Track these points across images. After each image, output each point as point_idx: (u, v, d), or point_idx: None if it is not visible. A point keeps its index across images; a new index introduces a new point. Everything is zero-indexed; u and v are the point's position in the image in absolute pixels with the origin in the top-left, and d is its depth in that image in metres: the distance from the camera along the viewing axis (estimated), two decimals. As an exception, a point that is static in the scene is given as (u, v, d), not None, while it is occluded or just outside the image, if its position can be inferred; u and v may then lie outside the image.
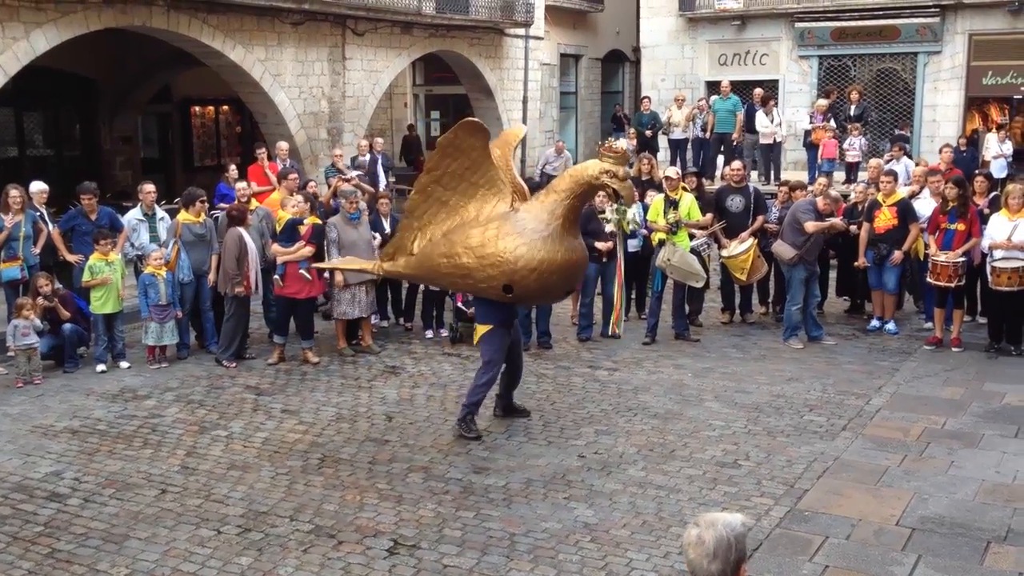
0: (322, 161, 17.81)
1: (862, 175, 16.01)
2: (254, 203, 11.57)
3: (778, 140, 18.64)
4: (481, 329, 8.11)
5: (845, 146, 18.04)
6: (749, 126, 19.23)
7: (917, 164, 15.15)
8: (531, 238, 7.41)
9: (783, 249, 10.93)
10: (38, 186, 11.53)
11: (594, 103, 30.00)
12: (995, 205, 10.78)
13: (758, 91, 19.82)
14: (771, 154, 18.76)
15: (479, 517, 6.58)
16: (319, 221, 10.74)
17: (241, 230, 10.35)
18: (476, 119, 7.63)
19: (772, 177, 18.46)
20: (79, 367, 10.29)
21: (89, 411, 8.95)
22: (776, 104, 18.77)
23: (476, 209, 7.74)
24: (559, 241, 7.48)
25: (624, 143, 8.29)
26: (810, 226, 10.70)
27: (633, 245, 11.61)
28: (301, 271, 10.27)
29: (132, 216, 11.31)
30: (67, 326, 10.26)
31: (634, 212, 7.76)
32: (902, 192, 11.74)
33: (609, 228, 8.00)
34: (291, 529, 6.44)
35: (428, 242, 7.91)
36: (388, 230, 11.24)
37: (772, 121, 18.69)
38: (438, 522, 6.51)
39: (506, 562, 5.95)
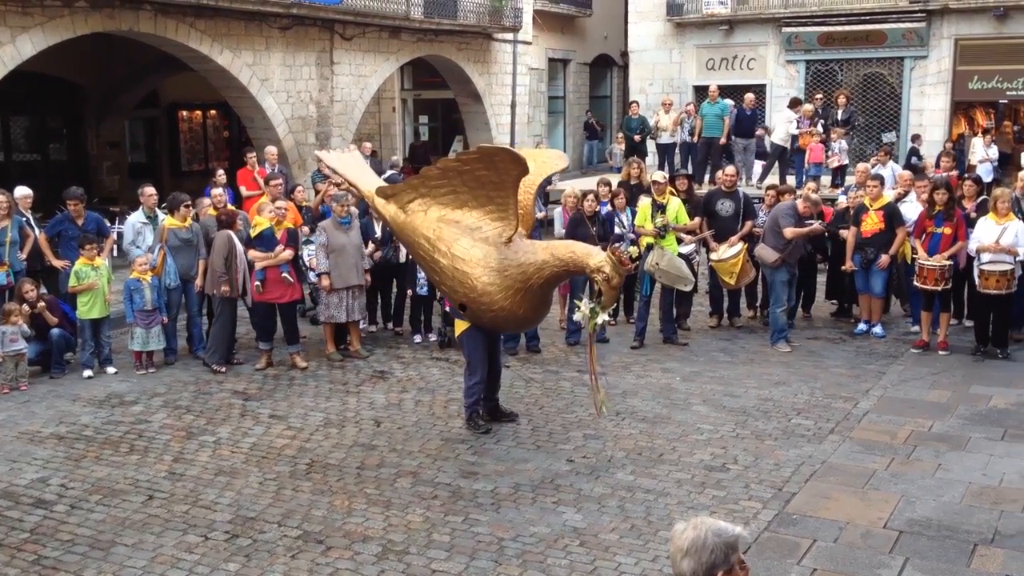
0: (310, 166, 17.78)
1: (849, 179, 16.07)
2: (231, 208, 11.51)
3: (788, 144, 18.62)
4: (460, 325, 8.26)
5: (836, 150, 18.06)
6: (741, 131, 19.23)
7: (924, 169, 15.07)
8: (506, 284, 7.52)
9: (766, 252, 10.97)
10: (22, 191, 11.49)
11: (582, 107, 30.04)
12: (983, 209, 10.85)
13: (749, 96, 19.85)
14: (782, 156, 18.74)
15: (467, 522, 6.58)
16: (292, 226, 10.77)
17: (230, 232, 10.33)
18: (514, 151, 7.82)
19: (787, 179, 18.31)
20: (66, 373, 10.24)
21: (76, 417, 8.91)
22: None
23: (478, 219, 7.76)
24: (529, 299, 7.64)
25: (635, 251, 8.62)
26: (788, 232, 10.77)
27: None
28: (283, 275, 10.25)
29: (135, 219, 11.26)
30: (54, 331, 10.22)
31: (605, 319, 7.82)
32: (888, 196, 11.79)
33: (576, 317, 7.79)
34: (279, 535, 6.41)
35: (423, 213, 7.94)
36: (379, 234, 11.23)
37: (791, 122, 18.56)
38: (426, 527, 6.50)
39: (495, 567, 5.94)
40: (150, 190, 11.45)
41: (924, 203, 11.10)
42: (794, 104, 18.86)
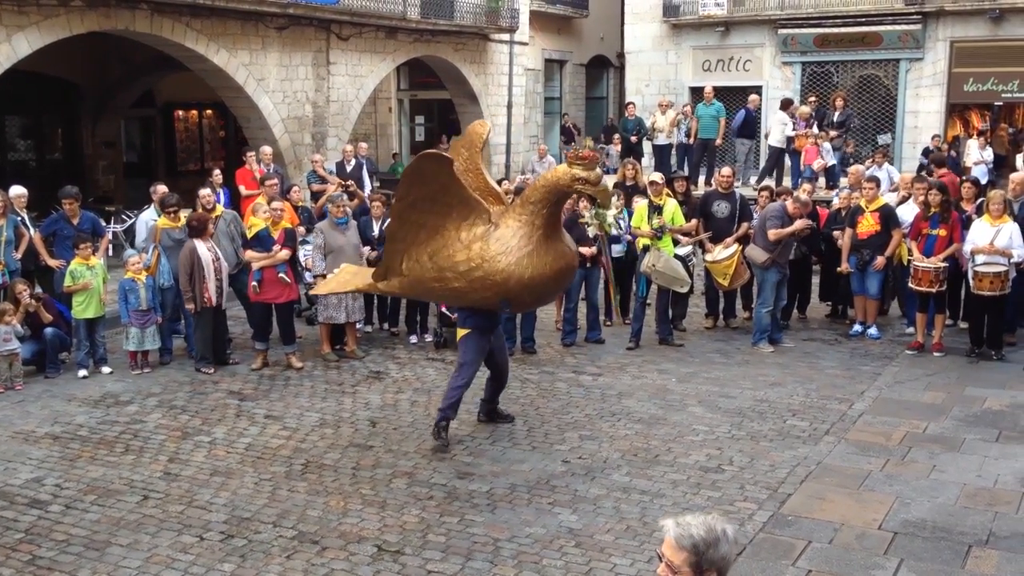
0: (306, 166, 17.77)
1: (843, 180, 16.09)
2: (219, 209, 11.48)
3: (783, 145, 18.62)
4: (461, 332, 8.17)
5: (822, 158, 18.04)
6: (744, 132, 19.22)
7: (931, 174, 15.00)
8: (517, 256, 7.43)
9: (756, 252, 10.99)
10: (17, 190, 11.47)
11: (578, 108, 30.07)
12: (982, 211, 10.87)
13: (754, 97, 19.87)
14: (780, 158, 18.74)
15: (463, 523, 6.58)
16: (289, 225, 10.74)
17: (196, 243, 10.13)
18: (436, 151, 7.64)
19: (784, 182, 18.32)
20: (61, 373, 10.22)
21: (71, 417, 8.90)
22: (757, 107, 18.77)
23: (455, 228, 7.63)
24: (545, 252, 7.51)
25: (591, 142, 8.14)
26: (771, 234, 10.79)
27: (616, 251, 11.65)
28: (280, 275, 10.23)
29: (148, 216, 11.36)
30: (49, 330, 10.20)
31: (613, 213, 7.67)
32: (884, 198, 11.82)
33: (591, 231, 7.89)
34: (274, 535, 6.41)
35: (416, 263, 7.82)
36: (376, 233, 11.21)
37: (785, 124, 18.54)
38: (422, 528, 6.50)
39: (490, 568, 5.94)
40: (162, 188, 11.49)
41: (921, 204, 11.11)
42: (786, 105, 18.87)
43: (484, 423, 8.54)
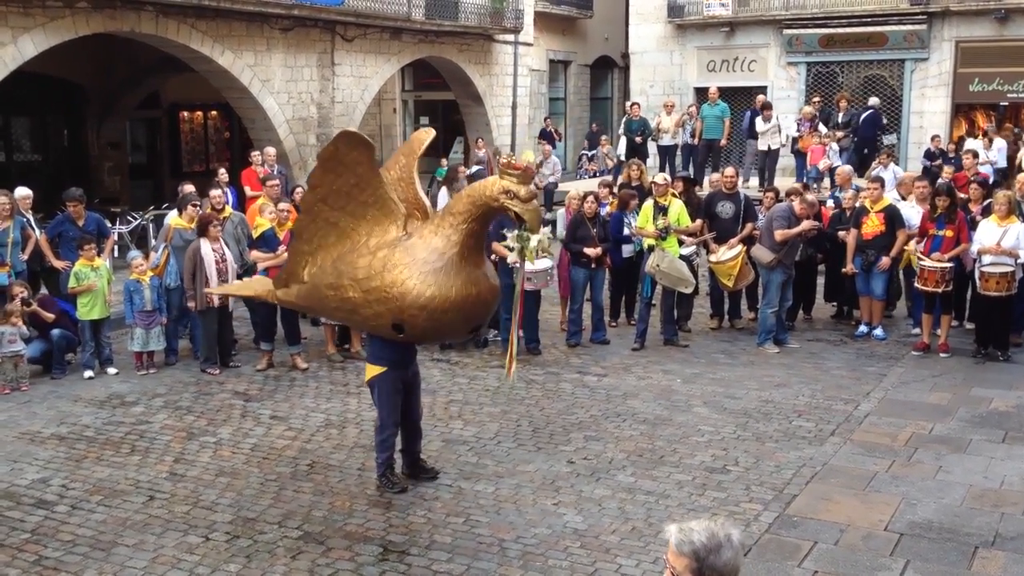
0: (311, 167, 17.76)
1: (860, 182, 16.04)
2: (228, 210, 11.49)
3: (772, 147, 18.64)
4: (371, 370, 7.10)
5: (830, 153, 18.05)
6: (753, 133, 19.20)
7: (942, 178, 14.94)
8: (421, 270, 6.42)
9: (762, 253, 10.98)
10: (22, 192, 11.49)
11: (583, 109, 30.08)
12: (989, 212, 10.85)
13: (761, 97, 19.85)
14: (767, 160, 18.75)
15: (468, 523, 6.58)
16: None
17: (202, 242, 10.19)
18: (356, 130, 6.63)
19: (763, 184, 18.41)
20: (67, 373, 10.24)
21: (77, 417, 8.91)
22: (771, 110, 18.73)
23: (367, 232, 6.75)
24: (455, 274, 6.44)
25: (532, 156, 7.11)
26: (778, 235, 10.77)
27: (628, 251, 11.65)
28: None
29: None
30: (55, 331, 10.22)
31: (539, 239, 6.47)
32: (889, 198, 11.80)
33: (511, 258, 6.93)
34: (280, 536, 6.42)
35: (319, 270, 6.93)
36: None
37: (768, 128, 18.58)
38: (428, 528, 6.50)
39: (496, 568, 5.95)
40: (189, 187, 11.50)
41: (920, 200, 11.08)
42: (764, 108, 18.82)
43: (407, 476, 7.39)
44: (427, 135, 7.82)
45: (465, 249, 6.50)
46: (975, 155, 15.43)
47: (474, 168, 17.00)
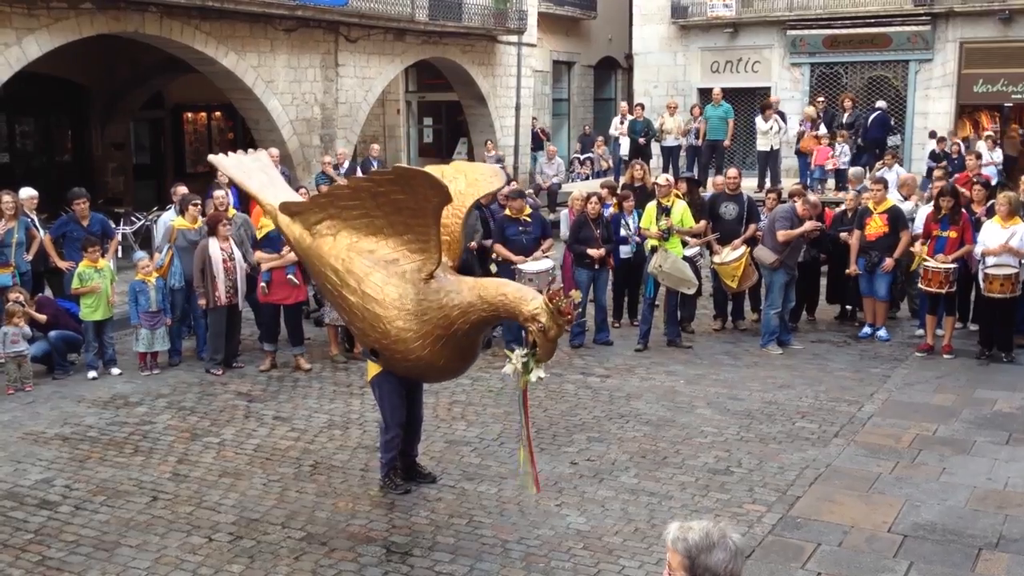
0: (315, 168, 17.81)
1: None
2: (232, 211, 11.50)
3: (774, 148, 18.63)
4: (372, 369, 7.02)
5: (837, 153, 18.05)
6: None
7: (944, 176, 14.88)
8: (424, 330, 6.32)
9: (764, 254, 10.97)
10: (27, 192, 11.52)
11: (586, 110, 30.07)
12: (992, 213, 10.84)
13: (775, 98, 19.80)
14: (768, 161, 18.74)
15: (471, 524, 6.58)
16: None
17: (210, 241, 10.26)
18: (441, 180, 6.33)
19: (765, 185, 18.37)
20: (70, 374, 10.25)
21: (80, 418, 8.92)
22: (774, 111, 18.72)
23: (394, 250, 6.58)
24: (452, 348, 6.42)
25: (578, 297, 6.73)
26: (780, 235, 10.76)
27: (625, 252, 11.65)
28: (288, 276, 10.25)
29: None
30: (53, 333, 10.24)
31: (539, 375, 6.36)
32: (893, 199, 11.78)
33: (506, 369, 6.53)
34: (283, 536, 6.42)
35: (331, 239, 6.74)
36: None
37: (769, 128, 18.58)
38: (431, 529, 6.50)
39: (499, 569, 5.94)
40: (183, 188, 11.52)
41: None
42: (763, 109, 18.82)
43: (405, 480, 7.28)
44: (498, 180, 7.77)
45: (472, 331, 6.48)
46: (979, 156, 15.40)
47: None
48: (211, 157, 8.38)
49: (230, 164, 8.03)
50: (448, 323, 6.32)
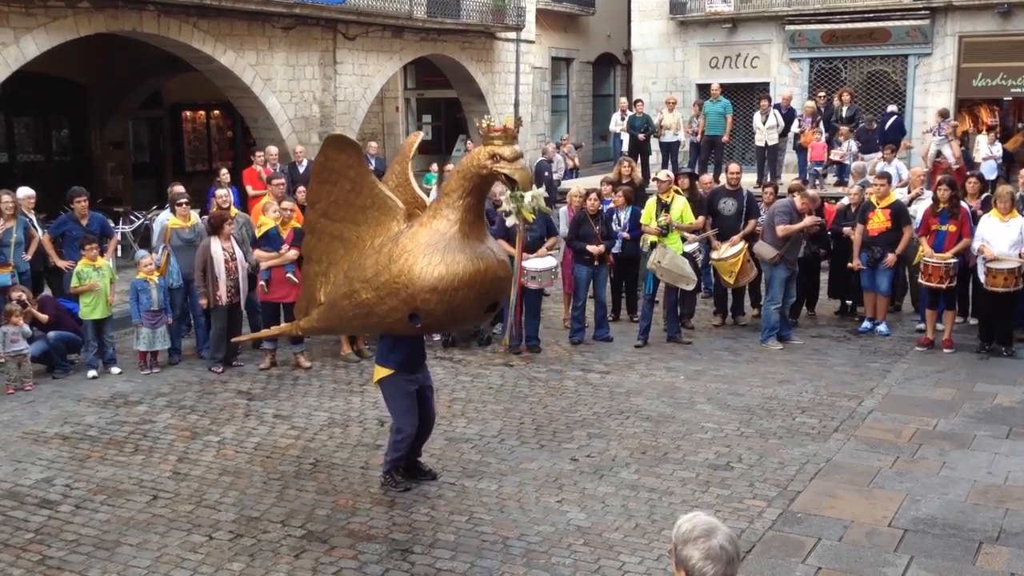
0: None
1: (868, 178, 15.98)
2: (234, 210, 11.49)
3: (770, 143, 18.61)
4: (379, 372, 7.07)
5: (842, 149, 17.95)
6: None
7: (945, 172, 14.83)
8: (426, 252, 6.33)
9: (764, 249, 10.96)
10: (24, 192, 11.51)
11: (585, 106, 30.05)
12: (988, 206, 10.83)
13: (786, 93, 19.75)
14: (767, 156, 18.71)
15: (472, 521, 6.57)
16: (298, 225, 10.74)
17: (212, 240, 10.26)
18: (341, 133, 6.58)
19: (765, 180, 18.32)
20: (70, 373, 10.25)
21: (80, 417, 8.92)
22: (771, 106, 18.70)
23: (371, 235, 6.72)
24: (459, 250, 6.35)
25: (511, 118, 6.87)
26: (780, 230, 10.75)
27: (614, 247, 11.58)
28: (288, 275, 10.25)
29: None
30: (51, 333, 10.24)
31: (533, 194, 6.56)
32: (895, 194, 11.77)
33: (510, 221, 6.98)
34: (283, 534, 6.42)
35: (333, 286, 6.89)
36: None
37: (765, 123, 18.56)
38: (431, 526, 6.50)
39: (499, 566, 5.94)
40: (179, 188, 11.51)
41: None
42: (762, 102, 18.79)
43: (405, 478, 7.27)
44: (415, 138, 7.99)
45: (465, 225, 6.44)
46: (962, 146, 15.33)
47: None
48: (240, 338, 9.60)
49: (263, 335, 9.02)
50: (440, 235, 6.38)
